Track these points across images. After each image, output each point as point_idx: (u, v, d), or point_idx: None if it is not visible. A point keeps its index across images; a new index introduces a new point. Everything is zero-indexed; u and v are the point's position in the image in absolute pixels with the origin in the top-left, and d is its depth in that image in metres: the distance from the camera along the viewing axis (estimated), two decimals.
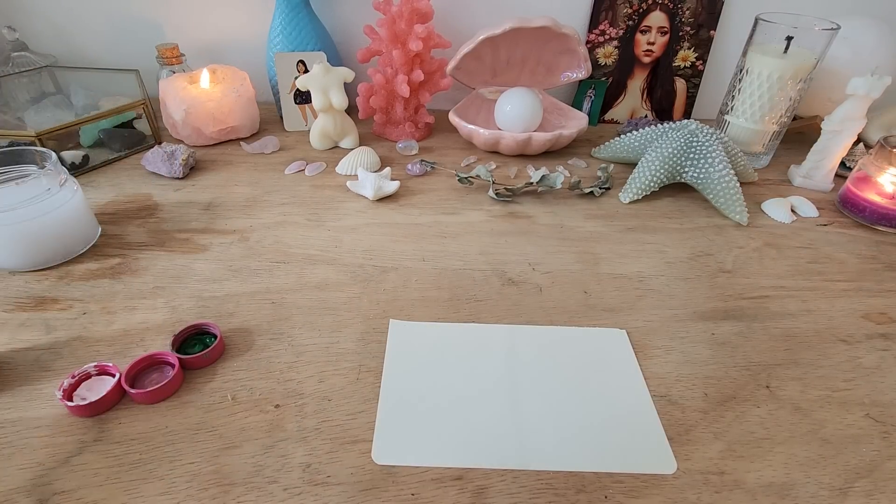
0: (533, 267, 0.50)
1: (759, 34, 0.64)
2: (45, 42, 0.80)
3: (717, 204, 0.59)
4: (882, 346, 0.42)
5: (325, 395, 0.36)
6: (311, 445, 0.33)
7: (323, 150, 0.71)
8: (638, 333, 0.42)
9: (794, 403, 0.37)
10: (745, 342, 0.42)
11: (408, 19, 0.66)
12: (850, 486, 0.32)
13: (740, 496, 0.31)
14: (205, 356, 0.37)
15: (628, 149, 0.67)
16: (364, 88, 0.71)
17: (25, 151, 0.47)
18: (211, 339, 0.40)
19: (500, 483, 0.31)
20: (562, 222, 0.57)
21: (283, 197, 0.59)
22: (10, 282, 0.45)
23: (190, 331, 0.40)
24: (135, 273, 0.47)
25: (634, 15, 0.76)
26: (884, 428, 0.36)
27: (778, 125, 0.67)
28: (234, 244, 0.51)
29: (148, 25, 0.79)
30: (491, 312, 0.44)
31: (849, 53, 0.67)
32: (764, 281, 0.49)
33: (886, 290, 0.49)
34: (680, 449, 0.34)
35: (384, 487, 0.31)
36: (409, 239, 0.53)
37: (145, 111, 0.68)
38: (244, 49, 0.81)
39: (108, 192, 0.59)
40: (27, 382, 0.36)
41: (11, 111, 0.67)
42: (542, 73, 0.76)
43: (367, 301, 0.45)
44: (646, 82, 0.81)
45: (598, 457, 0.33)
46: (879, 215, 0.57)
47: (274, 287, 0.46)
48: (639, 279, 0.49)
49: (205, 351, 0.38)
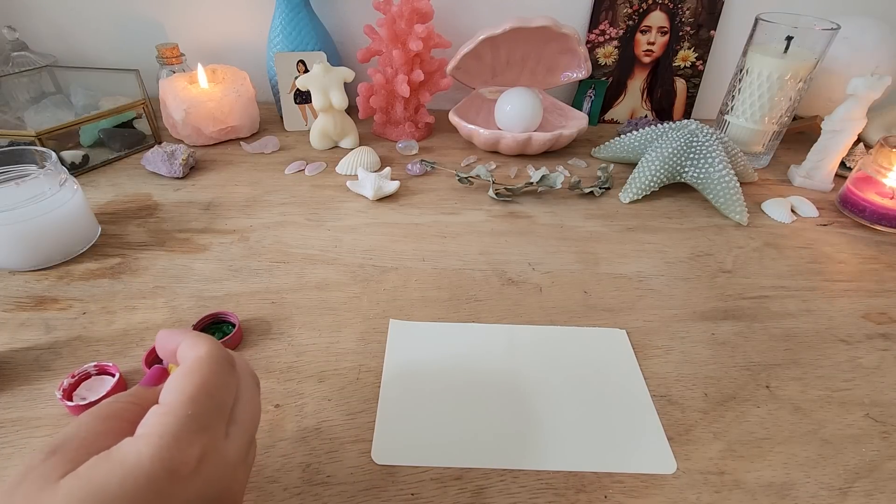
0: (533, 267, 0.50)
1: (759, 34, 0.64)
2: (45, 42, 0.80)
3: (717, 204, 0.59)
4: (882, 346, 0.42)
5: (325, 395, 0.36)
6: (311, 445, 0.33)
7: (323, 150, 0.71)
8: (638, 333, 0.42)
9: (794, 403, 0.37)
10: (745, 342, 0.42)
11: (408, 19, 0.66)
12: (850, 486, 0.32)
13: (740, 496, 0.31)
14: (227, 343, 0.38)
15: (628, 149, 0.67)
16: (364, 88, 0.71)
17: (25, 151, 0.47)
18: (230, 328, 0.40)
19: (500, 483, 0.31)
20: (562, 222, 0.57)
21: (283, 197, 0.59)
22: (10, 281, 0.45)
23: (207, 320, 0.41)
24: (135, 273, 0.47)
25: (634, 15, 0.76)
26: (884, 428, 0.36)
27: (778, 125, 0.67)
28: (234, 244, 0.51)
29: (148, 25, 0.79)
30: (491, 312, 0.44)
31: (849, 53, 0.67)
32: (764, 281, 0.49)
33: (886, 290, 0.49)
34: (680, 449, 0.34)
35: (384, 487, 0.31)
36: (409, 239, 0.53)
37: (145, 111, 0.68)
38: (244, 49, 0.81)
39: (108, 191, 0.59)
40: (27, 382, 0.36)
41: (11, 111, 0.67)
42: (542, 73, 0.76)
43: (367, 301, 0.45)
44: (646, 82, 0.81)
45: (598, 457, 0.33)
46: (879, 215, 0.57)
47: (274, 287, 0.46)
48: (639, 279, 0.49)
49: (224, 339, 0.39)
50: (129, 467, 0.18)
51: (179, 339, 0.24)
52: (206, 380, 0.21)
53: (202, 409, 0.21)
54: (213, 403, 0.21)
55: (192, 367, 0.22)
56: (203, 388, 0.21)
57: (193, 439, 0.20)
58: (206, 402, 0.21)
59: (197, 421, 0.20)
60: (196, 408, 0.20)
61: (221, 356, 0.23)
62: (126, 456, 0.18)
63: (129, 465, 0.18)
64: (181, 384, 0.21)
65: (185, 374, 0.22)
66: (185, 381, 0.21)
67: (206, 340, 0.24)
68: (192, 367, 0.22)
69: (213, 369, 0.22)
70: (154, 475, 0.18)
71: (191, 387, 0.21)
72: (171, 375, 0.22)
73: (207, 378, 0.22)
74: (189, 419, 0.20)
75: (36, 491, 0.17)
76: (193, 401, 0.20)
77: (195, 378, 0.21)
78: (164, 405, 0.20)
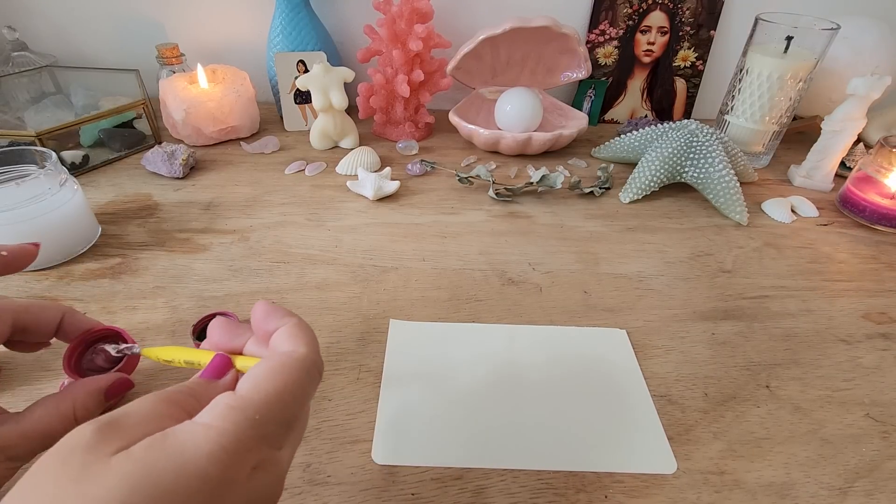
0: (533, 267, 0.50)
1: (759, 34, 0.64)
2: (45, 42, 0.80)
3: (717, 204, 0.59)
4: (882, 346, 0.42)
5: (325, 395, 0.36)
6: (311, 445, 0.33)
7: (323, 150, 0.71)
8: (638, 333, 0.42)
9: (794, 403, 0.37)
10: (745, 342, 0.42)
11: (408, 19, 0.66)
12: (850, 486, 0.32)
13: (740, 496, 0.31)
14: None
15: (628, 149, 0.67)
16: (364, 88, 0.71)
17: (25, 151, 0.47)
18: None
19: (500, 483, 0.31)
20: (562, 222, 0.57)
21: (283, 197, 0.60)
22: (10, 281, 0.45)
23: (207, 320, 0.40)
24: (135, 273, 0.47)
25: (634, 15, 0.76)
26: (884, 428, 0.36)
27: (778, 125, 0.67)
28: (235, 244, 0.51)
29: (148, 25, 0.79)
30: (491, 312, 0.44)
31: (849, 53, 0.67)
32: (764, 281, 0.49)
33: (886, 290, 0.49)
34: (680, 449, 0.34)
35: (384, 487, 0.31)
36: (409, 239, 0.53)
37: (145, 111, 0.68)
38: (244, 49, 0.81)
39: (108, 191, 0.59)
40: (27, 382, 0.36)
41: (11, 111, 0.67)
42: (542, 73, 0.76)
43: (367, 301, 0.45)
44: (646, 82, 0.81)
45: (598, 457, 0.33)
46: (879, 215, 0.57)
47: (274, 287, 0.46)
48: (639, 279, 0.49)
49: None
50: (186, 461, 0.16)
51: (280, 323, 0.22)
52: (288, 387, 0.20)
53: (273, 416, 0.19)
54: (285, 414, 0.20)
55: (282, 367, 0.20)
56: (283, 394, 0.19)
57: (253, 446, 0.18)
58: (280, 411, 0.19)
59: (262, 428, 0.19)
60: (267, 414, 0.19)
61: (314, 364, 0.21)
62: (184, 446, 0.17)
63: (187, 459, 0.16)
64: (263, 382, 0.19)
65: (272, 371, 0.20)
66: (269, 380, 0.19)
67: (306, 338, 0.22)
68: (282, 366, 0.20)
69: (300, 377, 0.20)
70: (209, 476, 0.17)
71: (272, 389, 0.19)
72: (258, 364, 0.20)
73: (291, 386, 0.20)
74: (256, 424, 0.18)
75: (84, 464, 0.16)
76: (268, 405, 0.19)
77: (279, 381, 0.20)
78: (238, 398, 0.19)
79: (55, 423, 0.26)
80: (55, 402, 0.26)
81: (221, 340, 0.24)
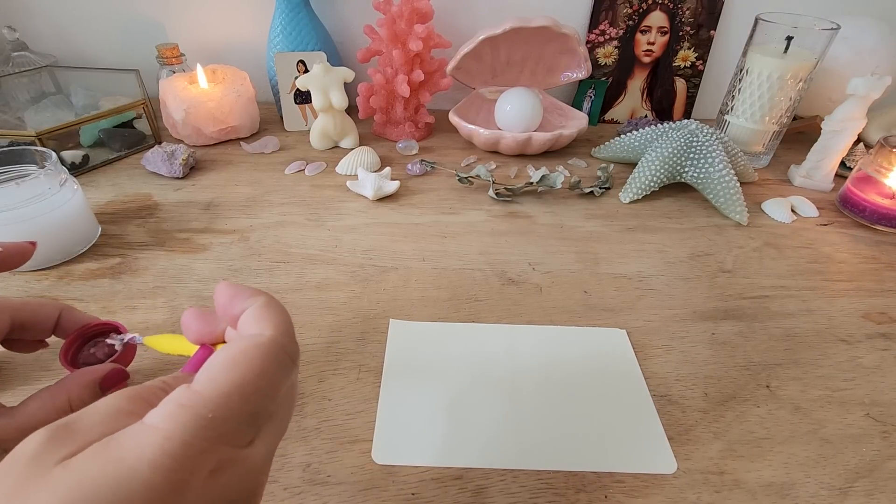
0: (533, 267, 0.50)
1: (759, 34, 0.64)
2: (45, 42, 0.80)
3: (717, 204, 0.59)
4: (882, 346, 0.42)
5: (325, 395, 0.36)
6: (311, 445, 0.33)
7: (323, 150, 0.71)
8: (638, 333, 0.42)
9: (794, 403, 0.37)
10: (745, 342, 0.42)
11: (408, 19, 0.66)
12: (850, 486, 0.32)
13: (740, 496, 0.31)
14: None
15: (628, 149, 0.67)
16: (364, 88, 0.71)
17: (25, 151, 0.47)
18: None
19: (500, 482, 0.31)
20: (562, 222, 0.57)
21: (283, 197, 0.60)
22: (10, 281, 0.45)
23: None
24: (135, 273, 0.47)
25: (634, 15, 0.76)
26: (884, 428, 0.36)
27: (778, 125, 0.67)
28: (234, 244, 0.51)
29: (148, 25, 0.79)
30: (491, 312, 0.44)
31: (849, 53, 0.67)
32: (764, 281, 0.49)
33: (886, 290, 0.49)
34: (680, 449, 0.34)
35: (384, 487, 0.31)
36: (409, 239, 0.53)
37: (145, 111, 0.68)
38: (244, 49, 0.81)
39: (108, 191, 0.59)
40: (27, 382, 0.36)
41: (11, 111, 0.67)
42: (542, 73, 0.76)
43: (367, 301, 0.45)
44: (646, 82, 0.81)
45: (598, 457, 0.33)
46: (879, 215, 0.57)
47: (274, 287, 0.46)
48: (639, 279, 0.49)
49: None
50: (127, 470, 0.14)
51: (245, 305, 0.20)
52: (249, 378, 0.17)
53: (232, 413, 0.16)
54: (249, 408, 0.17)
55: (243, 355, 0.17)
56: (243, 387, 0.17)
57: (207, 447, 0.16)
58: (241, 406, 0.17)
59: (219, 427, 0.16)
60: (225, 411, 0.16)
61: (282, 349, 0.18)
62: (126, 454, 0.15)
63: (128, 467, 0.14)
64: (219, 374, 0.17)
65: (230, 361, 0.17)
66: (225, 372, 0.17)
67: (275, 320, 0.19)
68: (242, 355, 0.17)
69: (264, 366, 0.17)
70: (153, 485, 0.14)
71: (229, 382, 0.17)
72: (216, 353, 0.18)
73: (253, 377, 0.17)
74: (211, 423, 0.16)
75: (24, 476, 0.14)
76: (225, 401, 0.16)
77: (237, 372, 0.17)
78: (191, 395, 0.16)
79: (51, 415, 0.25)
80: (50, 395, 0.26)
81: (202, 331, 0.22)
